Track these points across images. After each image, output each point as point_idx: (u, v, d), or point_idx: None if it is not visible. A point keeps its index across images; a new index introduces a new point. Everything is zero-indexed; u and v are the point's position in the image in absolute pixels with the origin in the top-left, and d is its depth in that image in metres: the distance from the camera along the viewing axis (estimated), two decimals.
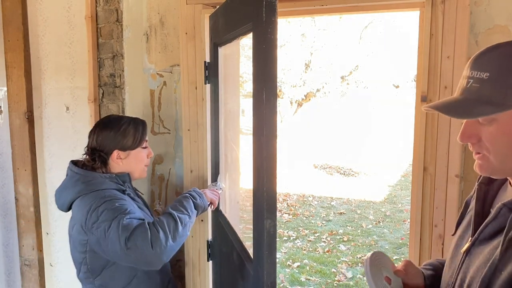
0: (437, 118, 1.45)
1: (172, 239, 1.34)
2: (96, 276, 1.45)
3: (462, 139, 0.76)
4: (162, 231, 1.33)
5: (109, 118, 1.56)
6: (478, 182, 0.86)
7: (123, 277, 1.46)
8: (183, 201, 1.51)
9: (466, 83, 0.74)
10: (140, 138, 1.51)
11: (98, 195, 1.39)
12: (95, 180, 1.43)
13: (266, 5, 1.05)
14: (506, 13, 1.40)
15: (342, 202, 6.67)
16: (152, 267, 1.38)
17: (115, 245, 1.31)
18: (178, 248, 1.39)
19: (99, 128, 1.51)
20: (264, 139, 1.09)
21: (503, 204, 0.75)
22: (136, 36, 1.94)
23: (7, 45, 2.08)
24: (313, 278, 4.05)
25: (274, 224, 1.09)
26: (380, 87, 13.97)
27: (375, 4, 1.52)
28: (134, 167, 1.52)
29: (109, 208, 1.35)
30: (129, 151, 1.50)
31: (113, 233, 1.31)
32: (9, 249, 2.32)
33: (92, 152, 1.48)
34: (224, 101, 1.79)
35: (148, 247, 1.29)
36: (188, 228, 1.43)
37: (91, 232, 1.36)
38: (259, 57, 1.12)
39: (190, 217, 1.46)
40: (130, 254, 1.30)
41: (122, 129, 1.48)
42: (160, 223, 1.36)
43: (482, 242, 0.77)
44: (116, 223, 1.31)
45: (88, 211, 1.36)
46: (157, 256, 1.31)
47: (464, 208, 0.92)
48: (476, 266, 0.75)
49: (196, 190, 1.60)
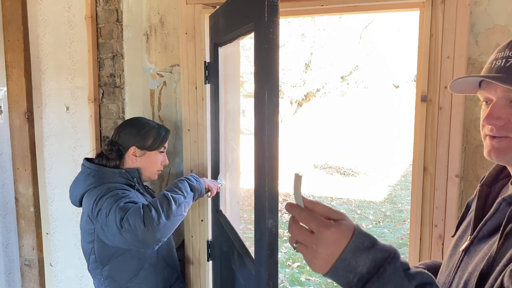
0: (437, 118, 1.45)
1: (165, 217, 1.38)
2: (104, 266, 1.50)
3: (489, 120, 0.73)
4: (154, 210, 1.37)
5: (138, 118, 1.67)
6: (481, 184, 0.85)
7: (130, 269, 1.51)
8: (178, 183, 1.55)
9: (504, 62, 0.73)
10: (159, 142, 1.60)
11: (105, 186, 1.47)
12: (105, 175, 1.51)
13: (268, 5, 1.05)
14: (506, 13, 1.40)
15: (342, 202, 6.67)
16: (148, 247, 1.42)
17: (113, 228, 1.36)
18: (173, 227, 1.43)
19: (125, 124, 1.61)
20: (266, 139, 1.09)
21: (503, 199, 0.74)
22: (136, 36, 1.94)
23: (7, 45, 2.08)
24: (313, 278, 4.05)
25: (276, 224, 1.09)
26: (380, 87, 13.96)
27: (375, 4, 1.52)
28: (146, 167, 1.60)
29: (112, 195, 1.42)
30: (146, 151, 1.58)
31: (111, 216, 1.37)
32: (9, 249, 2.32)
33: (111, 143, 1.57)
34: (224, 101, 1.78)
35: (140, 226, 1.33)
36: (183, 208, 1.47)
37: (96, 220, 1.42)
38: (260, 57, 1.12)
39: (185, 197, 1.49)
40: (125, 234, 1.35)
41: (145, 130, 1.58)
42: (153, 203, 1.41)
43: (481, 240, 0.77)
44: (114, 207, 1.38)
45: (95, 201, 1.43)
46: (151, 234, 1.34)
47: (465, 209, 0.92)
48: (475, 262, 0.75)
49: (193, 175, 1.65)
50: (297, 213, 0.65)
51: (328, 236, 0.62)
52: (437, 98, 1.44)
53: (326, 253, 0.62)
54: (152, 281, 1.56)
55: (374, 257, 0.61)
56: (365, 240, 0.63)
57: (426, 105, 1.45)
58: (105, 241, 1.45)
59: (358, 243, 0.62)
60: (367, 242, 0.62)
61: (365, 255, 0.61)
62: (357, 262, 0.61)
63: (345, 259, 0.62)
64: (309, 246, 0.63)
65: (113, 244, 1.43)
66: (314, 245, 0.62)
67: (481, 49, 1.43)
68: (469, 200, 0.93)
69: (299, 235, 0.64)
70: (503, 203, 0.74)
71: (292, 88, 11.66)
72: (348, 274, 0.62)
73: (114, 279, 1.52)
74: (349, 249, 0.62)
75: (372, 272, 0.61)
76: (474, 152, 1.47)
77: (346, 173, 8.66)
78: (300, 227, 0.65)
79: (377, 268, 0.61)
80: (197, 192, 1.57)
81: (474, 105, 1.45)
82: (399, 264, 0.62)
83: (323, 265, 0.63)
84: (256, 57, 1.16)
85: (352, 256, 0.61)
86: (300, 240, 0.64)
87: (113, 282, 1.52)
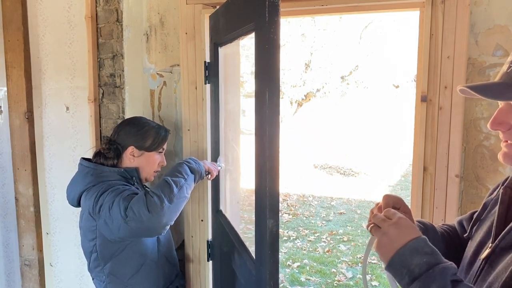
0: (437, 118, 1.45)
1: (168, 201, 1.39)
2: (106, 263, 1.50)
3: (492, 126, 0.75)
4: (156, 196, 1.38)
5: (136, 118, 1.66)
6: (504, 186, 0.82)
7: (132, 265, 1.51)
8: (178, 167, 1.55)
9: (507, 68, 0.73)
10: (158, 143, 1.59)
11: (105, 184, 1.47)
12: (103, 173, 1.51)
13: (269, 5, 1.05)
14: (506, 13, 1.40)
15: (342, 202, 6.67)
16: (155, 233, 1.43)
17: (118, 219, 1.37)
18: (178, 210, 1.44)
19: (124, 123, 1.61)
20: (266, 139, 1.09)
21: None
22: (136, 36, 1.94)
23: (7, 45, 2.08)
24: (313, 278, 4.05)
25: (277, 223, 1.09)
26: (380, 87, 13.96)
27: (375, 4, 1.52)
28: (143, 168, 1.59)
29: (113, 190, 1.43)
30: (144, 152, 1.57)
31: (115, 208, 1.38)
32: (9, 249, 2.32)
33: (110, 142, 1.57)
34: (225, 101, 1.78)
35: (145, 212, 1.34)
36: (185, 190, 1.47)
37: (98, 216, 1.42)
38: (261, 57, 1.12)
39: (186, 180, 1.49)
40: (130, 223, 1.35)
41: (145, 130, 1.57)
42: (154, 189, 1.42)
43: (504, 249, 0.73)
44: (118, 198, 1.39)
45: (96, 197, 1.43)
46: (156, 219, 1.35)
47: (482, 209, 0.89)
48: (496, 273, 0.72)
49: (192, 157, 1.65)
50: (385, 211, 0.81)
51: (403, 223, 0.75)
52: (437, 98, 1.44)
53: (394, 234, 0.74)
54: (153, 278, 1.56)
55: (429, 261, 0.69)
56: (426, 247, 0.71)
57: (426, 105, 1.45)
58: (108, 236, 1.44)
59: (419, 245, 0.71)
60: (427, 249, 0.71)
61: (420, 257, 0.70)
62: (412, 260, 0.70)
63: (402, 254, 0.71)
64: (384, 227, 0.76)
65: (118, 237, 1.43)
66: (388, 226, 0.75)
67: (481, 49, 1.43)
68: (487, 200, 0.89)
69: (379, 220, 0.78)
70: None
71: (292, 88, 11.66)
72: (403, 269, 0.70)
73: (116, 276, 1.52)
74: (408, 247, 0.71)
75: (422, 272, 0.68)
76: (474, 152, 1.47)
77: (346, 173, 8.66)
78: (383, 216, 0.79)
79: (428, 269, 0.68)
80: (197, 173, 1.57)
81: (474, 105, 1.45)
82: (448, 271, 0.67)
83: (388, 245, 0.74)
84: (257, 57, 1.16)
85: (409, 253, 0.71)
86: (379, 223, 0.78)
87: (115, 279, 1.52)
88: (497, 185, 0.92)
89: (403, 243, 0.71)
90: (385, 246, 0.74)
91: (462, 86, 0.76)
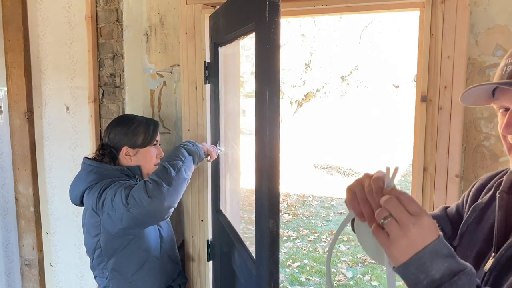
0: (437, 118, 1.45)
1: (167, 184, 1.39)
2: (109, 259, 1.51)
3: (508, 129, 0.70)
4: (153, 181, 1.39)
5: (123, 117, 1.64)
6: (499, 190, 0.79)
7: (135, 261, 1.52)
8: (174, 150, 1.55)
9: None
10: (150, 137, 1.58)
11: (108, 180, 1.48)
12: (107, 171, 1.51)
13: (269, 5, 1.05)
14: (506, 13, 1.40)
15: (342, 202, 6.67)
16: (159, 217, 1.44)
17: (120, 208, 1.38)
18: (179, 192, 1.44)
19: (112, 125, 1.59)
20: (267, 139, 1.09)
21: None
22: (136, 36, 1.94)
23: (7, 45, 2.08)
24: (313, 278, 4.05)
25: (277, 223, 1.09)
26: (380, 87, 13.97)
27: (375, 4, 1.53)
28: (143, 164, 1.59)
29: (116, 184, 1.45)
30: (138, 149, 1.56)
31: (117, 198, 1.39)
32: (9, 249, 2.32)
33: (103, 147, 1.56)
34: (225, 101, 1.79)
35: (145, 197, 1.35)
36: (183, 172, 1.47)
37: (102, 210, 1.43)
38: (261, 58, 1.12)
39: (183, 162, 1.49)
40: (132, 210, 1.36)
41: (133, 127, 1.56)
42: (152, 175, 1.43)
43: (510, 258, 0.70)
44: (120, 189, 1.41)
45: (98, 193, 1.45)
46: (157, 203, 1.36)
47: (470, 214, 0.84)
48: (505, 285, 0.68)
49: (189, 140, 1.65)
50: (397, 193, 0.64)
51: (426, 222, 0.62)
52: (437, 98, 1.44)
53: (416, 235, 0.61)
54: (156, 275, 1.56)
55: (450, 266, 0.62)
56: (444, 248, 0.63)
57: (426, 105, 1.45)
58: (112, 230, 1.44)
59: (439, 248, 0.62)
60: (445, 250, 0.63)
61: (441, 261, 0.62)
62: (432, 265, 0.61)
63: (421, 258, 0.62)
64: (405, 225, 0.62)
65: (121, 228, 1.42)
66: (412, 224, 0.61)
67: (481, 49, 1.43)
68: (476, 204, 0.85)
69: (397, 211, 0.62)
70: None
71: (292, 88, 11.67)
72: (420, 274, 0.62)
73: (119, 272, 1.52)
74: (428, 250, 0.62)
75: (445, 279, 0.61)
76: (474, 152, 1.47)
77: (346, 173, 8.66)
78: (400, 204, 0.63)
79: (451, 276, 0.61)
80: (195, 154, 1.56)
81: None
82: (474, 279, 0.62)
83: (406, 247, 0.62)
84: (257, 57, 1.16)
85: (429, 257, 0.62)
86: (396, 216, 0.62)
87: (118, 275, 1.52)
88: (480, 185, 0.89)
89: (423, 246, 0.62)
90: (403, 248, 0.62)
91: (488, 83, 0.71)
